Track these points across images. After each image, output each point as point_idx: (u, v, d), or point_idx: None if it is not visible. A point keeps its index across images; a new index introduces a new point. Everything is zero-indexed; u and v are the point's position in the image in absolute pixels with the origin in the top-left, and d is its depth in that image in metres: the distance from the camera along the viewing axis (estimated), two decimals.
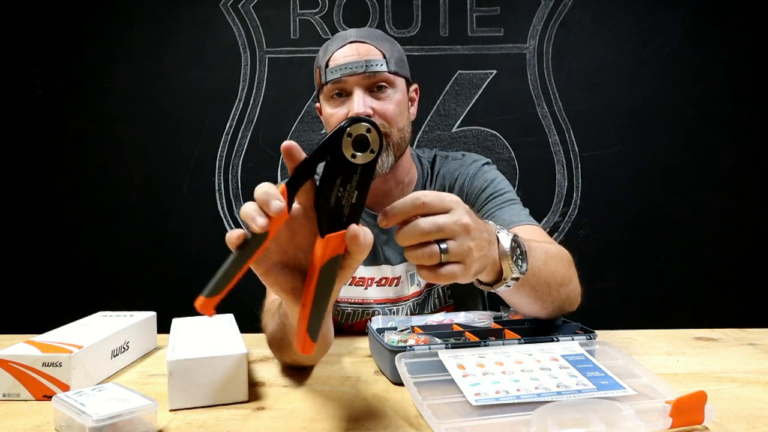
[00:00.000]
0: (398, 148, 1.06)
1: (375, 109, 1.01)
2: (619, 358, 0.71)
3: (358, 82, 1.01)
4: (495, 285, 0.69)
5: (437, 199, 0.58)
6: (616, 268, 1.96)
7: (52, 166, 2.01)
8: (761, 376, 0.77)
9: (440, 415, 0.57)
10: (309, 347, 0.56)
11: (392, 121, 1.03)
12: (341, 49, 1.03)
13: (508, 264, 0.67)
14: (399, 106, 1.04)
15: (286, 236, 0.56)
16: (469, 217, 0.59)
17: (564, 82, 1.97)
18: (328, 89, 1.04)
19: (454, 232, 0.58)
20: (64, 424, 0.61)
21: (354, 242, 0.53)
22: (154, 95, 2.00)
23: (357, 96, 1.00)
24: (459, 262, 0.59)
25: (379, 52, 1.03)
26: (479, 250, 0.60)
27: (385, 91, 1.03)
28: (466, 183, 1.11)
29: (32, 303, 2.01)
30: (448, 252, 0.58)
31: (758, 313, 1.92)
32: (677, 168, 1.97)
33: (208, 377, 0.68)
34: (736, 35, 1.95)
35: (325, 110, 1.06)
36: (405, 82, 1.08)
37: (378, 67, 1.01)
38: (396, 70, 1.04)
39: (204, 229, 1.98)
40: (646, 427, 0.56)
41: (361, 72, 1.00)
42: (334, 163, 0.54)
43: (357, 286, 1.12)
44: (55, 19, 2.00)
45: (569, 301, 0.84)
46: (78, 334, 0.81)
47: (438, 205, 0.58)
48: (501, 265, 0.67)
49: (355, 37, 1.04)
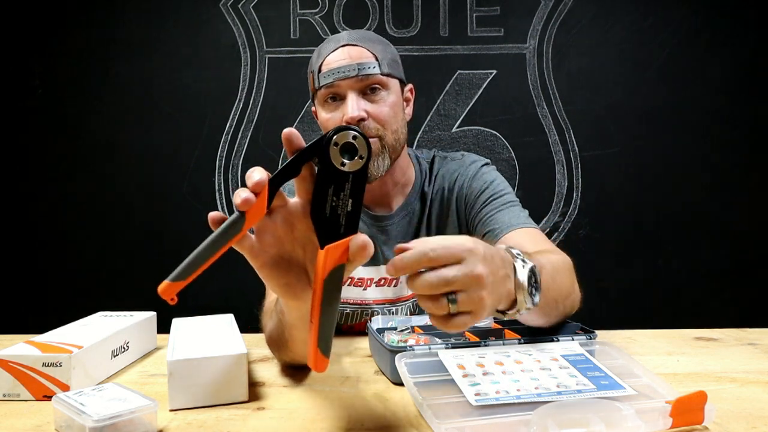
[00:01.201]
0: (393, 150, 1.05)
1: (369, 112, 1.01)
2: (619, 358, 0.71)
3: (351, 86, 1.00)
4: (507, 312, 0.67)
5: (445, 252, 0.56)
6: (616, 268, 1.96)
7: (52, 166, 2.01)
8: (761, 376, 0.77)
9: (440, 415, 0.57)
10: (322, 364, 0.54)
11: (386, 124, 1.02)
12: (333, 54, 1.03)
13: (522, 297, 0.65)
14: (393, 108, 1.04)
15: (284, 230, 0.56)
16: (483, 264, 0.57)
17: (564, 82, 1.97)
18: (321, 94, 1.04)
19: (464, 284, 0.56)
20: (64, 424, 0.61)
21: (360, 253, 0.53)
22: (154, 95, 2.00)
23: (350, 99, 1.00)
24: (469, 312, 0.57)
25: (371, 55, 1.02)
26: (492, 295, 0.58)
27: (379, 94, 1.03)
28: (465, 184, 1.11)
29: (32, 303, 2.01)
30: (456, 303, 0.56)
31: (758, 313, 1.92)
32: (677, 168, 1.97)
33: (208, 377, 0.68)
34: (736, 35, 1.95)
35: (320, 115, 1.06)
36: (399, 83, 1.08)
37: (370, 70, 1.01)
38: (389, 71, 1.03)
39: (204, 229, 1.96)
40: (646, 427, 0.56)
41: (354, 75, 1.00)
42: (324, 173, 0.53)
43: (355, 286, 1.12)
44: (55, 19, 2.00)
45: (572, 308, 0.84)
46: (78, 334, 0.81)
47: (446, 258, 0.56)
48: (516, 295, 0.65)
49: (346, 41, 1.03)
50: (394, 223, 1.12)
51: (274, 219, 0.56)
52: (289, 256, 0.58)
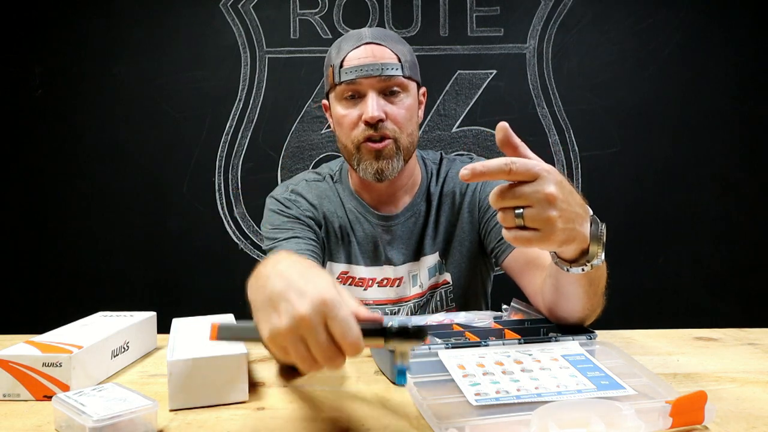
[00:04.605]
0: (407, 153, 1.06)
1: (387, 113, 1.01)
2: (619, 358, 0.71)
3: (373, 85, 1.01)
4: (573, 264, 0.70)
5: (523, 167, 0.61)
6: (615, 268, 1.94)
7: (51, 166, 2.01)
8: (761, 376, 0.77)
9: (440, 415, 0.57)
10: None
11: (403, 127, 1.03)
12: (356, 50, 1.02)
13: (596, 247, 0.68)
14: (409, 111, 1.04)
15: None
16: (558, 188, 0.61)
17: (564, 82, 1.97)
18: (341, 89, 1.03)
19: (533, 200, 0.60)
20: (64, 425, 0.61)
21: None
22: (154, 95, 2.00)
23: (371, 99, 1.00)
24: (537, 229, 0.61)
25: (394, 56, 1.02)
26: (565, 222, 0.62)
27: (399, 95, 1.03)
28: (479, 187, 1.11)
29: (32, 303, 2.01)
30: (522, 218, 0.61)
31: (758, 313, 1.92)
32: (677, 168, 1.97)
33: (208, 377, 0.68)
34: (736, 35, 1.95)
35: (336, 110, 1.06)
36: (416, 85, 1.08)
37: (393, 71, 1.01)
38: (410, 74, 1.04)
39: (204, 229, 1.98)
40: (646, 427, 0.56)
41: (377, 75, 1.00)
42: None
43: (356, 286, 1.12)
44: (56, 19, 2.00)
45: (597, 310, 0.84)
46: (78, 334, 0.81)
47: (523, 174, 0.61)
48: (589, 245, 0.68)
49: (370, 38, 1.03)
50: (400, 223, 1.12)
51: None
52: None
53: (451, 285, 1.13)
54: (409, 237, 1.12)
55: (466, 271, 1.13)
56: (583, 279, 0.75)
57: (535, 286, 0.93)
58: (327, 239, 1.13)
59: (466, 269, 1.13)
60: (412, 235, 1.12)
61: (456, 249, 1.12)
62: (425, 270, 1.12)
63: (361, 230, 1.13)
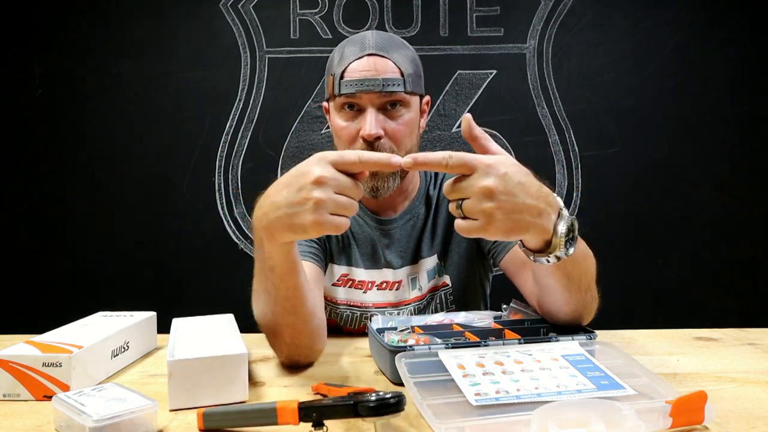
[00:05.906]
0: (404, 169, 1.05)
1: (386, 130, 0.99)
2: (619, 358, 0.71)
3: (372, 100, 0.98)
4: (537, 254, 0.72)
5: (459, 162, 0.65)
6: (616, 268, 1.96)
7: (51, 166, 2.01)
8: (761, 376, 0.77)
9: (440, 415, 0.57)
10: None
11: (401, 144, 1.01)
12: (358, 62, 1.00)
13: (558, 239, 0.69)
14: (409, 127, 1.02)
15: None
16: (499, 180, 0.64)
17: (564, 82, 1.97)
18: (339, 100, 1.01)
19: (470, 193, 0.65)
20: (64, 424, 0.61)
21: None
22: (154, 95, 2.00)
23: (370, 115, 0.98)
24: (476, 219, 0.65)
25: (397, 69, 1.00)
26: (506, 213, 0.64)
27: (399, 110, 1.01)
28: None
29: (32, 303, 2.01)
30: (461, 209, 0.66)
31: (758, 313, 1.92)
32: (677, 168, 1.97)
33: (208, 377, 0.68)
34: (736, 35, 1.95)
35: (334, 120, 1.04)
36: (419, 98, 1.07)
37: (395, 87, 0.98)
38: (412, 89, 1.01)
39: (204, 229, 1.98)
40: (646, 427, 0.56)
41: (378, 90, 0.98)
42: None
43: (356, 288, 1.12)
44: (56, 19, 2.00)
45: (588, 308, 0.84)
46: (78, 334, 0.81)
47: (460, 167, 0.65)
48: (552, 238, 0.70)
49: (373, 48, 1.00)
50: (398, 226, 1.12)
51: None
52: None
53: (450, 287, 1.13)
54: (407, 240, 1.12)
55: (465, 273, 1.13)
56: (558, 272, 0.77)
57: (530, 285, 0.93)
58: (329, 242, 1.13)
59: (465, 270, 1.13)
60: (410, 239, 1.12)
61: (454, 251, 1.12)
62: (424, 273, 1.12)
63: (360, 233, 1.13)
